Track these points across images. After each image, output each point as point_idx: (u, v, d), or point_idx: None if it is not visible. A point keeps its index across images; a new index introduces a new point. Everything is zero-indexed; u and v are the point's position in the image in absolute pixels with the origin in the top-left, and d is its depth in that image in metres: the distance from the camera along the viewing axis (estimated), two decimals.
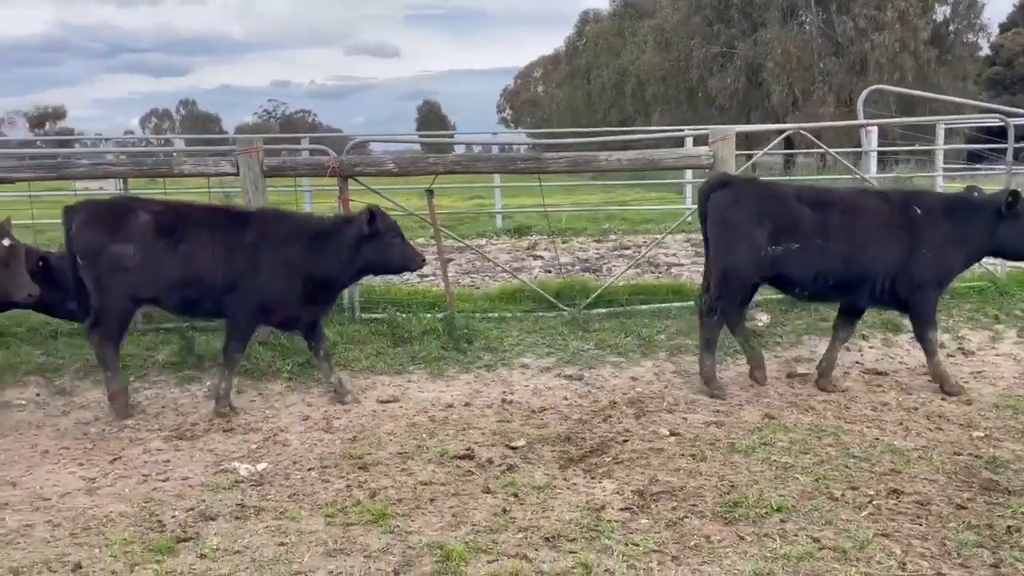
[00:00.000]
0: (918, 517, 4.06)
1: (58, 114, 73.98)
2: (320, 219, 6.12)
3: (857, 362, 6.79)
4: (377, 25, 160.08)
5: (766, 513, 4.09)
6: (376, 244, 5.74)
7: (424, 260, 5.97)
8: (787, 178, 16.52)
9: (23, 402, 6.03)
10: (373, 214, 5.71)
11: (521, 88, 70.00)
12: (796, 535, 3.88)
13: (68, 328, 6.86)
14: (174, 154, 12.90)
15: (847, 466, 4.68)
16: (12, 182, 6.69)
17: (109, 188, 10.02)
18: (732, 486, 4.42)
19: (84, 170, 6.88)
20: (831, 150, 8.71)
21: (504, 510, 4.16)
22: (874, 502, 4.21)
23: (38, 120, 70.98)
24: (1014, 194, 5.89)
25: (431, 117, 78.70)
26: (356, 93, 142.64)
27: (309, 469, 4.76)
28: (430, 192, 7.18)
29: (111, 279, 5.64)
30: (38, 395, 6.16)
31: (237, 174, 6.68)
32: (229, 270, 5.68)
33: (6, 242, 5.38)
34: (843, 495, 4.30)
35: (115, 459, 5.01)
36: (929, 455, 4.84)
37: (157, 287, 5.70)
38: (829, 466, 4.67)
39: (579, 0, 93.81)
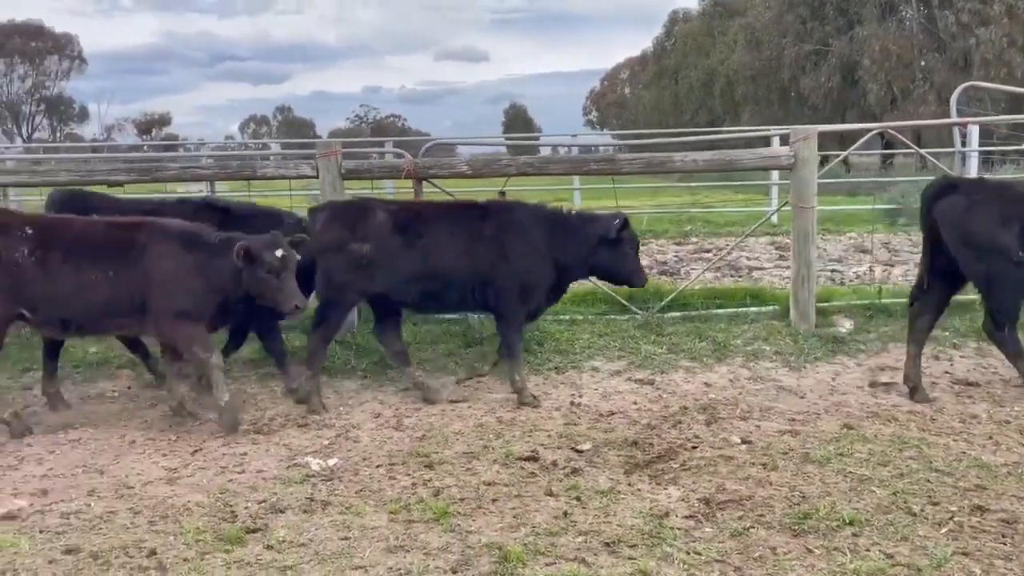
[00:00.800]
0: (1003, 536, 3.84)
1: (164, 121, 77.43)
2: (563, 211, 6.18)
3: (947, 372, 6.49)
4: (465, 30, 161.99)
5: (837, 526, 3.94)
6: (614, 250, 5.85)
7: (647, 282, 6.10)
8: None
9: (115, 394, 6.34)
10: (625, 220, 5.79)
11: (608, 90, 69.61)
12: (868, 550, 3.72)
13: None
14: (257, 158, 13.33)
15: (928, 480, 4.46)
16: (109, 185, 7.03)
17: (196, 190, 10.45)
18: (803, 497, 4.28)
19: (174, 173, 7.19)
20: (923, 150, 8.34)
21: (565, 513, 4.13)
22: (955, 519, 4.01)
23: (145, 126, 74.47)
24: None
25: (517, 120, 79.04)
26: (444, 97, 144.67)
27: (377, 466, 4.84)
28: (502, 194, 7.21)
29: (345, 276, 5.81)
30: (129, 387, 6.47)
31: (317, 176, 6.85)
32: (475, 262, 5.81)
33: (279, 252, 5.37)
34: (922, 510, 4.10)
35: (196, 451, 5.21)
36: (1019, 471, 4.57)
37: (391, 282, 5.83)
38: (909, 480, 4.47)
39: (669, 1, 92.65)
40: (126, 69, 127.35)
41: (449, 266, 5.83)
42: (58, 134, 65.88)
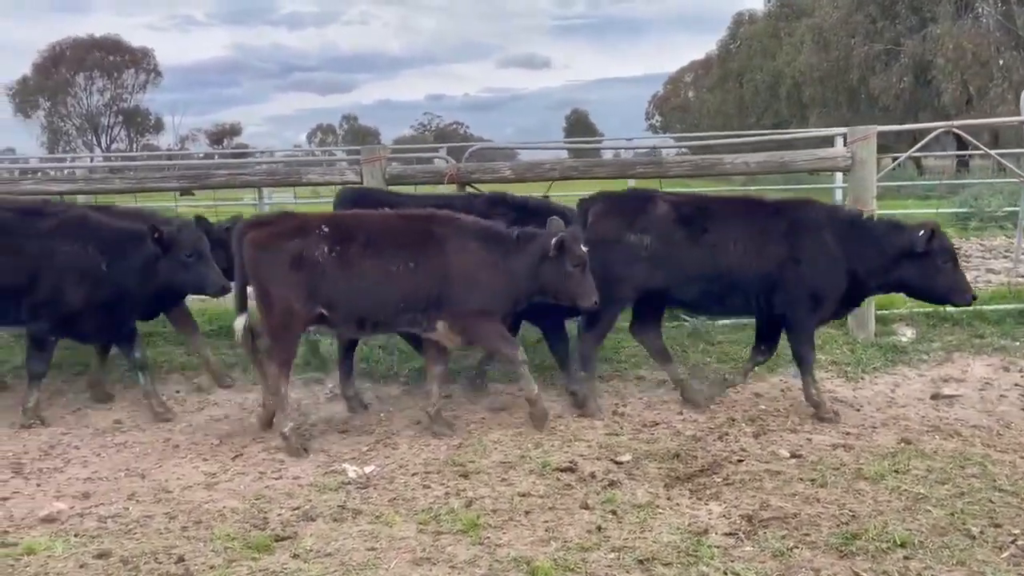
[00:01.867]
0: None
1: (235, 131, 79.55)
2: (864, 216, 5.81)
3: (1017, 384, 6.13)
4: (528, 37, 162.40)
5: (888, 548, 3.72)
6: (923, 264, 5.39)
7: (974, 299, 5.56)
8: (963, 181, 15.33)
9: (163, 398, 6.41)
10: (933, 231, 5.36)
11: (671, 94, 68.89)
12: (920, 574, 3.50)
13: (206, 329, 7.27)
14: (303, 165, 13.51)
15: (991, 500, 4.19)
16: (161, 191, 7.15)
17: (247, 198, 10.63)
18: (853, 516, 4.05)
19: (223, 179, 7.28)
20: (994, 152, 7.92)
21: (599, 527, 3.99)
22: (1018, 542, 3.74)
23: (217, 136, 76.58)
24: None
25: (579, 126, 78.79)
26: (506, 104, 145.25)
27: (413, 474, 4.78)
28: (546, 198, 7.08)
29: (623, 270, 5.58)
30: (177, 392, 6.56)
31: (362, 182, 6.86)
32: (764, 263, 5.48)
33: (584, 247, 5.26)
34: (982, 532, 3.85)
35: (237, 456, 5.23)
36: None
37: (672, 279, 5.58)
38: (969, 499, 4.20)
39: (733, 3, 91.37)
40: (199, 81, 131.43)
41: (736, 265, 5.47)
42: (135, 145, 68.21)
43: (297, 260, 5.16)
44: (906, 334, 6.86)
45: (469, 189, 7.07)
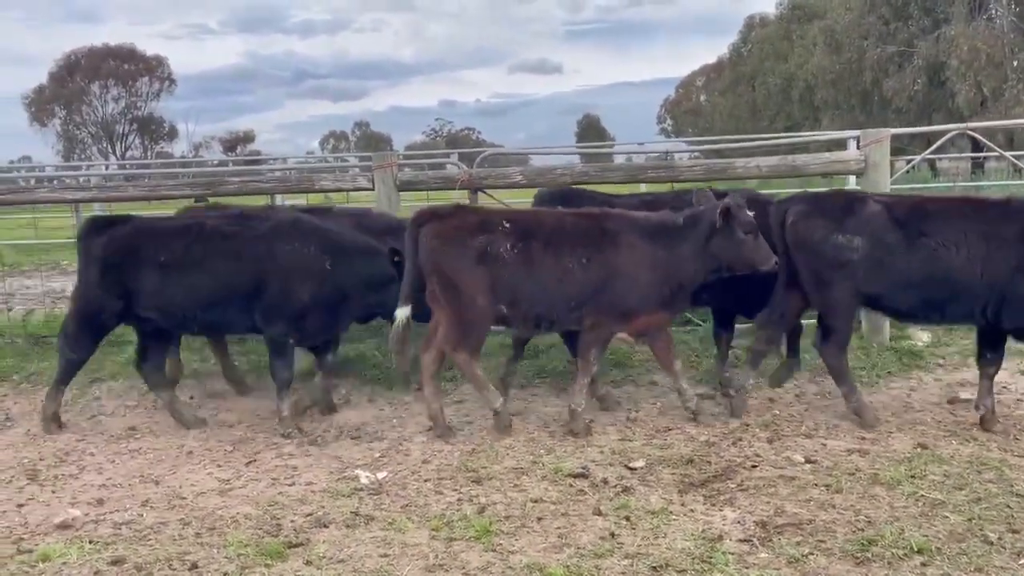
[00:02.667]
0: None
1: (248, 138, 79.95)
2: None
3: None
4: (539, 42, 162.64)
5: (904, 555, 3.68)
6: None
7: None
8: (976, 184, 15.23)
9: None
10: None
11: (683, 98, 68.78)
12: None
13: None
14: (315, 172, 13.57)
15: (1008, 505, 4.14)
16: (173, 199, 7.19)
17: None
18: (869, 522, 4.02)
19: (235, 187, 7.32)
20: (1009, 154, 7.85)
21: (612, 534, 3.97)
22: None
23: (230, 144, 77.02)
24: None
25: (590, 130, 78.77)
26: (518, 110, 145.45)
27: (425, 480, 4.77)
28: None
29: (836, 274, 5.33)
30: (192, 398, 6.59)
31: (373, 189, 6.87)
32: (992, 270, 5.09)
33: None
34: (1000, 539, 3.80)
35: (250, 462, 5.24)
36: None
37: (886, 286, 5.29)
38: (987, 504, 4.16)
39: (744, 6, 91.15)
40: (213, 89, 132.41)
41: (960, 271, 5.10)
42: (149, 152, 68.69)
43: (482, 255, 5.22)
44: (922, 338, 6.80)
45: (481, 195, 7.07)
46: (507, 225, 5.30)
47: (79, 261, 5.89)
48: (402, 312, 5.39)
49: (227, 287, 5.59)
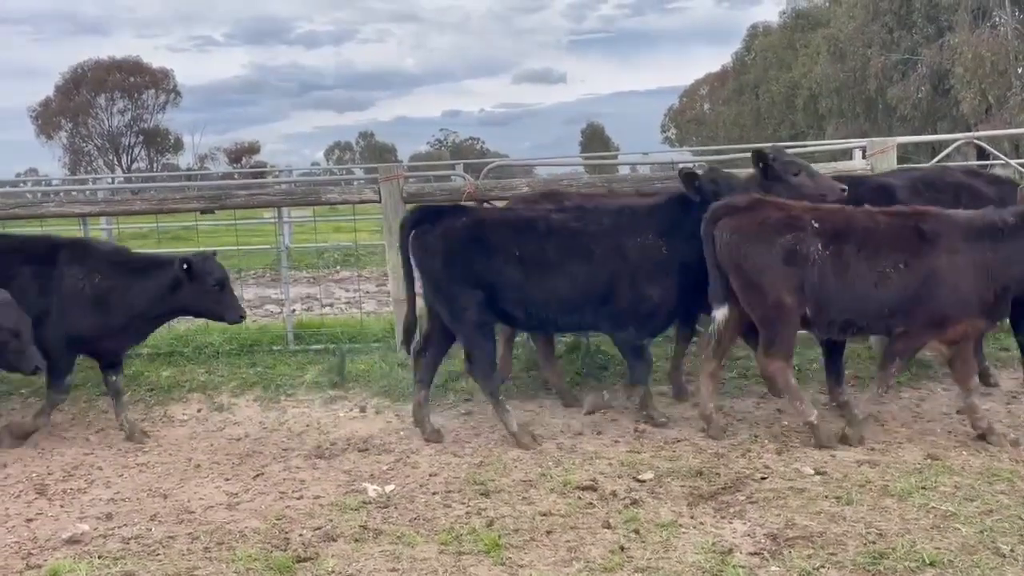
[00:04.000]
0: None
1: (253, 149, 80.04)
2: None
3: None
4: (543, 52, 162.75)
5: (916, 567, 3.67)
6: None
7: None
8: None
9: (185, 418, 6.45)
10: None
11: (686, 107, 68.74)
12: None
13: (227, 348, 7.31)
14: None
15: (1021, 517, 4.12)
16: (180, 212, 7.22)
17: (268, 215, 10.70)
18: (880, 534, 3.99)
19: (242, 200, 7.34)
20: (1015, 162, 7.84)
21: (622, 547, 3.96)
22: None
23: (236, 155, 77.17)
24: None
25: (595, 140, 78.77)
26: (522, 119, 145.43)
27: (433, 493, 4.76)
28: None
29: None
30: (199, 411, 6.58)
31: (380, 201, 6.89)
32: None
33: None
34: (1012, 551, 3.78)
35: (258, 475, 5.23)
36: None
37: None
38: (998, 516, 4.13)
39: (747, 14, 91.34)
40: (219, 101, 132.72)
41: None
42: (155, 164, 68.93)
43: (791, 254, 5.03)
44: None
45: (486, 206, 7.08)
46: (816, 225, 5.04)
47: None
48: (720, 312, 5.24)
49: (582, 286, 5.46)
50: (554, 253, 5.47)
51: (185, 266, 5.72)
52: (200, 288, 5.78)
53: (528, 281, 5.46)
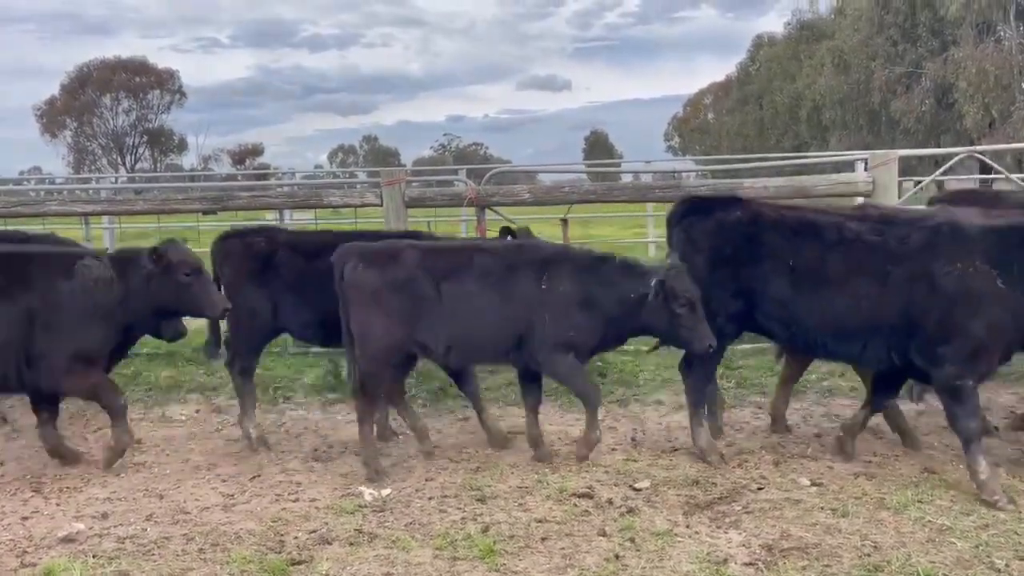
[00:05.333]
0: None
1: (257, 151, 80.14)
2: None
3: None
4: (548, 59, 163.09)
5: None
6: None
7: None
8: None
9: (183, 418, 6.46)
10: None
11: (690, 115, 68.87)
12: None
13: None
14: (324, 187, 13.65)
15: (1016, 532, 4.11)
16: (182, 212, 7.23)
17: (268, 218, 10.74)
18: (875, 547, 3.99)
19: (244, 201, 7.35)
20: (1015, 176, 7.84)
21: (617, 556, 3.96)
22: None
23: (239, 157, 77.24)
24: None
25: (598, 147, 78.94)
26: (526, 125, 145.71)
27: (429, 498, 4.76)
28: (564, 221, 7.09)
29: None
30: (197, 411, 6.60)
31: (381, 205, 6.90)
32: None
33: None
34: (1007, 566, 3.77)
35: (255, 477, 5.23)
36: None
37: None
38: (994, 531, 4.13)
39: (752, 25, 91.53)
40: (223, 102, 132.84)
41: None
42: (159, 165, 69.04)
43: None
44: None
45: (489, 212, 7.09)
46: None
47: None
48: None
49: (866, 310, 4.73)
50: (837, 267, 4.75)
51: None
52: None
53: (800, 295, 4.83)
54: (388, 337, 5.08)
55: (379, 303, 5.06)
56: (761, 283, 4.92)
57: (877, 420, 5.82)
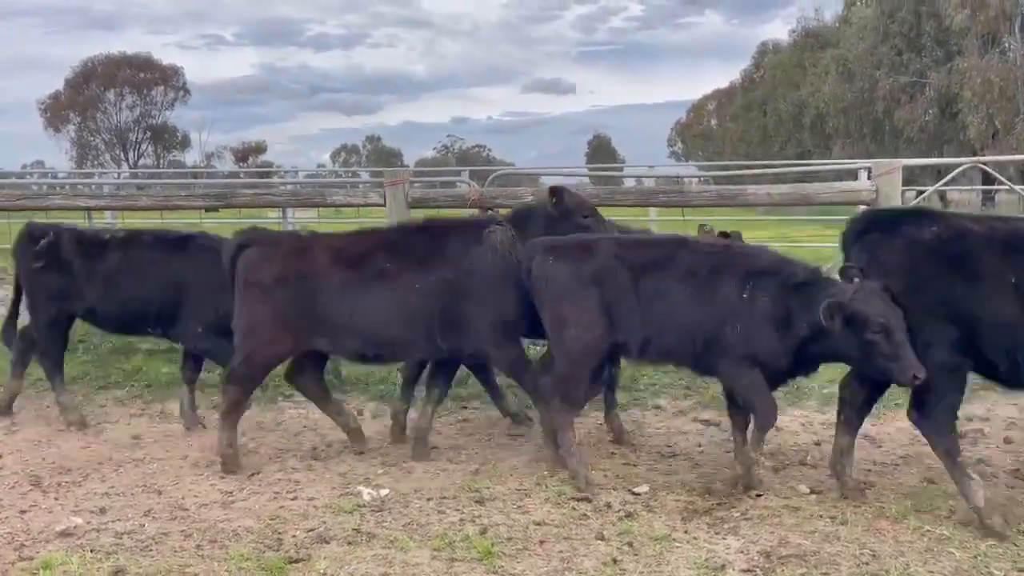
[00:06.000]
0: None
1: (260, 149, 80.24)
2: None
3: None
4: (553, 63, 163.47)
5: None
6: None
7: None
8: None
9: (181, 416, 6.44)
10: None
11: (693, 121, 69.01)
12: None
13: None
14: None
15: (1015, 544, 4.10)
16: (184, 209, 7.23)
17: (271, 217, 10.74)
18: (873, 555, 3.99)
19: (247, 199, 7.36)
20: (1019, 187, 7.85)
21: (615, 560, 3.95)
22: None
23: (243, 154, 77.32)
24: None
25: (601, 151, 79.01)
26: (530, 128, 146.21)
27: (428, 499, 4.75)
28: None
29: None
30: (196, 408, 6.57)
31: (384, 204, 6.90)
32: None
33: None
34: None
35: (253, 474, 5.22)
36: None
37: None
38: (993, 542, 4.11)
39: (757, 32, 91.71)
40: (227, 100, 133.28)
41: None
42: (162, 161, 69.13)
43: None
44: None
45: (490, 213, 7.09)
46: None
47: None
48: None
49: None
50: None
51: None
52: None
53: None
54: (588, 335, 4.81)
55: (575, 298, 4.82)
56: (977, 307, 4.26)
57: (878, 428, 5.85)
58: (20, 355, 6.40)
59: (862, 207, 5.78)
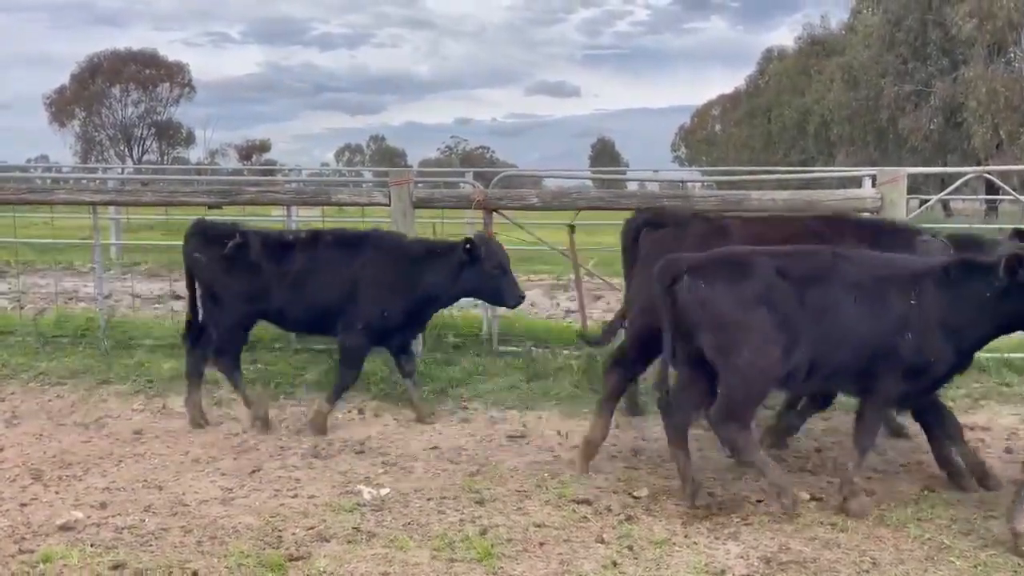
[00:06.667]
0: None
1: (264, 147, 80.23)
2: None
3: None
4: (557, 65, 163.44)
5: None
6: None
7: None
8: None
9: (184, 411, 6.44)
10: None
11: (697, 126, 69.02)
12: None
13: None
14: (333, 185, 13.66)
15: (1016, 553, 4.09)
16: (188, 205, 7.24)
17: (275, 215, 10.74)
18: (873, 563, 3.98)
19: (252, 196, 7.37)
20: (1022, 197, 7.84)
21: (614, 563, 3.95)
22: None
23: (246, 152, 77.31)
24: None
25: (604, 154, 79.06)
26: (533, 130, 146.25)
27: (428, 499, 4.76)
28: (571, 228, 7.10)
29: None
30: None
31: (389, 204, 6.91)
32: None
33: None
34: None
35: (254, 471, 5.23)
36: None
37: None
38: (993, 551, 4.11)
39: (763, 38, 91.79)
40: (231, 97, 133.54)
41: None
42: (166, 157, 69.17)
43: None
44: None
45: (495, 215, 7.09)
46: None
47: None
48: None
49: None
50: None
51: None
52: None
53: None
54: (764, 360, 4.39)
55: (743, 322, 4.40)
56: None
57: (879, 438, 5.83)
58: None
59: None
